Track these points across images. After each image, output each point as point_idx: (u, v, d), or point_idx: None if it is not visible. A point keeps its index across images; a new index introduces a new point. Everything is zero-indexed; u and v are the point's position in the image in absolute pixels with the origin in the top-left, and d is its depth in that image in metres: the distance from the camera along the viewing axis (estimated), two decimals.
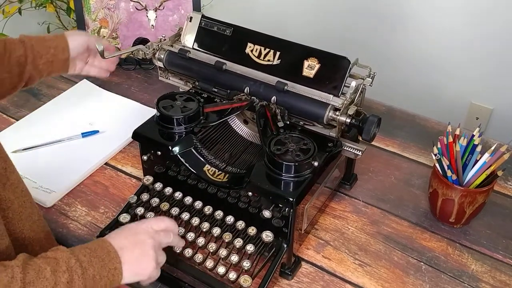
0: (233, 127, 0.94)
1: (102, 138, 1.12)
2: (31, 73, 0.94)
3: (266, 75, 0.93)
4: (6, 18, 1.76)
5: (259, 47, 0.94)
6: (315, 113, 0.88)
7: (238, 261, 0.80)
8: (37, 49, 0.94)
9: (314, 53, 0.90)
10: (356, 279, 0.84)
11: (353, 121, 0.86)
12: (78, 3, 1.30)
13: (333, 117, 0.87)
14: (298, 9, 1.88)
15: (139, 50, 1.01)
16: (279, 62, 0.92)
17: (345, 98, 0.87)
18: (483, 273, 0.85)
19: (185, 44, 1.01)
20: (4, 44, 0.91)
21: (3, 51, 0.90)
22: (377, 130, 0.88)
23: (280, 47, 0.93)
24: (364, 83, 0.89)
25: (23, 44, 0.92)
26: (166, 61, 1.01)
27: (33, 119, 1.18)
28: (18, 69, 0.92)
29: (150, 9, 1.31)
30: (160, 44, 1.02)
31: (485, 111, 1.68)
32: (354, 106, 0.86)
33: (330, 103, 0.87)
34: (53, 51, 0.95)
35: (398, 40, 1.72)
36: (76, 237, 0.91)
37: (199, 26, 1.00)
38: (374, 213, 0.96)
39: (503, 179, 1.02)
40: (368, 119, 0.85)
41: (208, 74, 0.97)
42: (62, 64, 0.98)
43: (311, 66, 0.89)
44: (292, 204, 0.77)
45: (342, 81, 0.88)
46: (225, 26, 0.97)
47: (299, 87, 0.90)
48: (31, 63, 0.93)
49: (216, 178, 0.84)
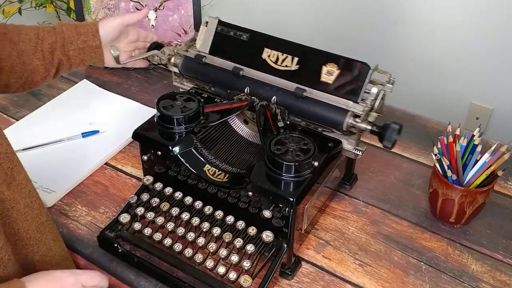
0: (233, 127, 0.94)
1: (102, 138, 1.12)
2: (60, 58, 0.93)
3: (284, 81, 0.91)
4: (6, 18, 1.76)
5: (277, 53, 0.92)
6: (335, 119, 0.86)
7: (238, 261, 0.80)
8: (67, 35, 0.92)
9: (333, 59, 0.89)
10: (356, 279, 0.84)
11: (373, 128, 0.85)
12: (78, 3, 1.30)
13: (353, 124, 0.86)
14: (298, 8, 1.88)
15: (154, 55, 1.01)
16: (297, 67, 0.91)
17: (365, 105, 0.86)
18: (483, 273, 0.85)
19: (200, 49, 1.00)
20: (37, 31, 0.91)
21: (35, 38, 0.90)
22: (398, 138, 0.85)
23: (298, 53, 0.91)
24: (384, 89, 0.88)
25: (55, 30, 0.92)
26: (182, 66, 0.99)
27: (33, 119, 1.18)
28: (50, 56, 0.92)
29: (150, 9, 1.31)
30: (176, 49, 1.01)
31: (485, 111, 1.68)
32: (375, 113, 0.85)
33: (350, 110, 0.86)
34: (84, 37, 0.93)
35: (398, 40, 1.72)
36: (76, 237, 0.91)
37: (215, 31, 0.98)
38: (374, 213, 0.96)
39: (503, 179, 1.02)
40: (390, 126, 0.83)
41: (225, 80, 0.95)
42: (94, 52, 0.95)
43: (330, 71, 0.88)
44: (292, 204, 0.77)
45: (361, 87, 0.86)
46: (242, 31, 0.96)
47: (317, 93, 0.89)
48: (60, 48, 0.92)
49: (216, 178, 0.84)
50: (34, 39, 0.90)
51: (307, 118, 0.90)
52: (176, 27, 1.33)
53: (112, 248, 0.86)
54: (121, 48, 1.00)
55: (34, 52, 0.90)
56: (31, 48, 0.90)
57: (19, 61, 0.90)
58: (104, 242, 0.87)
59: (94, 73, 1.32)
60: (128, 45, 1.02)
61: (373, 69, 0.87)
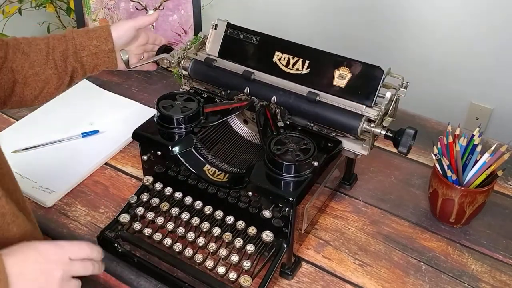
0: (233, 127, 0.94)
1: (102, 138, 1.12)
2: (73, 66, 0.91)
3: (296, 84, 0.91)
4: (6, 18, 1.76)
5: (287, 56, 0.92)
6: (349, 124, 0.86)
7: (238, 261, 0.80)
8: (79, 41, 0.91)
9: (346, 62, 0.88)
10: (356, 279, 0.84)
11: (388, 133, 0.84)
12: (78, 3, 1.30)
13: (367, 129, 0.85)
14: (297, 8, 1.88)
15: (163, 58, 1.00)
16: (308, 71, 0.90)
17: (379, 109, 0.85)
18: (483, 273, 0.85)
19: (210, 52, 0.99)
20: (47, 40, 0.90)
21: (46, 47, 0.89)
22: (413, 143, 0.85)
23: (309, 56, 0.90)
24: (398, 93, 0.87)
25: (65, 38, 0.91)
26: (192, 70, 0.99)
27: (33, 119, 1.18)
28: (63, 64, 0.90)
29: (150, 9, 1.31)
30: (185, 52, 1.00)
31: (485, 111, 1.68)
32: (389, 117, 0.85)
33: (364, 114, 0.86)
34: (96, 42, 0.91)
35: (397, 40, 1.72)
36: (76, 237, 0.91)
37: (225, 34, 0.98)
38: (374, 213, 0.96)
39: (503, 179, 1.02)
40: (405, 131, 0.83)
41: (235, 84, 0.95)
42: (108, 56, 0.94)
43: (342, 75, 0.87)
44: (292, 204, 0.77)
45: (375, 91, 0.86)
46: (252, 34, 0.95)
47: (330, 98, 0.88)
48: (73, 55, 0.90)
49: (216, 178, 0.84)
50: (45, 49, 0.89)
51: (320, 122, 0.89)
52: (176, 27, 1.33)
53: (112, 248, 0.86)
54: (131, 51, 0.99)
55: (46, 61, 0.88)
56: (42, 58, 0.88)
57: (31, 72, 0.88)
58: (104, 242, 0.87)
59: None
60: (138, 48, 1.01)
61: (386, 72, 0.86)
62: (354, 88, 0.88)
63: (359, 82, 0.87)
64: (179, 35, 1.34)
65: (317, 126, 0.90)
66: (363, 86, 0.87)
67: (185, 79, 1.02)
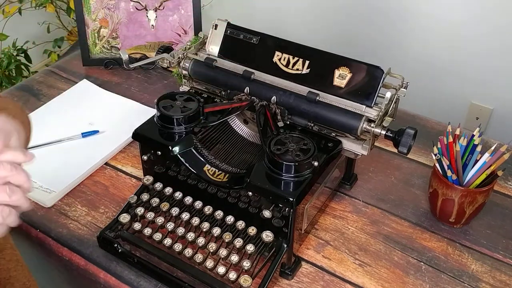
0: (233, 127, 0.94)
1: (102, 138, 1.12)
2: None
3: (296, 84, 0.91)
4: (6, 18, 1.76)
5: (287, 56, 0.92)
6: (349, 124, 0.86)
7: (238, 261, 0.80)
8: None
9: (346, 62, 0.88)
10: (356, 279, 0.84)
11: (388, 133, 0.84)
12: (78, 3, 1.30)
13: (367, 129, 0.85)
14: (296, 7, 1.88)
15: (163, 58, 1.00)
16: (308, 71, 0.90)
17: (379, 109, 0.85)
18: (483, 273, 0.85)
19: (210, 52, 0.99)
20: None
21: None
22: (413, 143, 0.85)
23: (309, 56, 0.91)
24: (398, 93, 0.87)
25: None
26: (192, 70, 0.99)
27: (33, 119, 1.17)
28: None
29: (150, 9, 1.31)
30: (185, 52, 1.00)
31: (485, 111, 1.68)
32: (389, 117, 0.85)
33: (364, 114, 0.86)
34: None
35: (397, 40, 1.72)
36: (76, 237, 0.91)
37: (225, 34, 0.98)
38: (374, 213, 0.96)
39: (503, 179, 1.02)
40: (405, 131, 0.83)
41: (235, 84, 0.95)
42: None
43: (342, 75, 0.87)
44: (292, 204, 0.77)
45: (375, 92, 0.86)
46: (252, 34, 0.95)
47: (330, 97, 0.88)
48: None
49: (216, 178, 0.84)
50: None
51: (320, 122, 0.89)
52: (176, 27, 1.33)
53: (112, 248, 0.86)
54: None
55: None
56: None
57: None
58: (104, 242, 0.87)
59: (94, 73, 1.32)
60: None
61: (386, 72, 0.86)
62: (354, 88, 0.88)
63: (359, 82, 0.87)
64: (179, 35, 1.34)
65: (317, 126, 0.90)
66: (363, 86, 0.87)
67: (185, 79, 1.02)
